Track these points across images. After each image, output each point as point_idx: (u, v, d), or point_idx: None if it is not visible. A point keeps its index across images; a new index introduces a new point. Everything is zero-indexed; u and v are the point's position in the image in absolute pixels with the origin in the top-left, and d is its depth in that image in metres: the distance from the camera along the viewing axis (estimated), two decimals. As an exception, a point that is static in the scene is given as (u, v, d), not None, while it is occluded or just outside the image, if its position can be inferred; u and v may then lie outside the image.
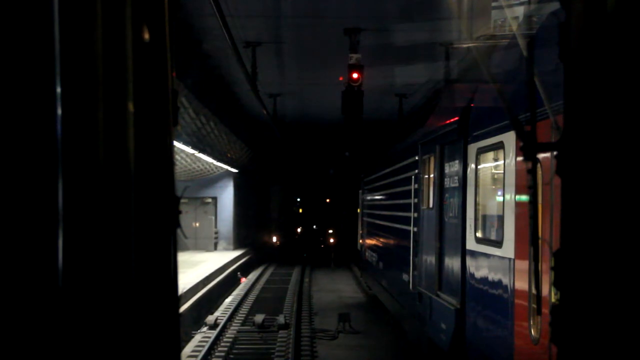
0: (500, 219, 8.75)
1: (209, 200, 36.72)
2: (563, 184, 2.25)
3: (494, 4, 10.69)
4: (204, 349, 15.50)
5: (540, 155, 6.69)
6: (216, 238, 36.46)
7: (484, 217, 10.00)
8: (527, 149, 3.40)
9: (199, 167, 28.79)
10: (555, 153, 2.53)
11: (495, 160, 9.49)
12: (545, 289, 6.58)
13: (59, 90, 1.46)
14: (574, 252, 2.15)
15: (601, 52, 2.03)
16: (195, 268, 25.60)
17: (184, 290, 18.81)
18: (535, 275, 5.09)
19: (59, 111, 1.45)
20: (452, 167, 11.26)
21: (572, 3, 2.19)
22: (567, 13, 2.24)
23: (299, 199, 75.02)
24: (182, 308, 18.13)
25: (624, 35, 1.96)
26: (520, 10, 8.88)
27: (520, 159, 7.95)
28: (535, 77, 4.22)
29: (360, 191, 30.51)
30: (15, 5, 1.42)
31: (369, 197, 26.97)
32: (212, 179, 35.10)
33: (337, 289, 29.32)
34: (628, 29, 1.96)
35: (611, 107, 2.00)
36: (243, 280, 29.70)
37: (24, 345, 1.41)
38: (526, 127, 3.59)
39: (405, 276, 15.73)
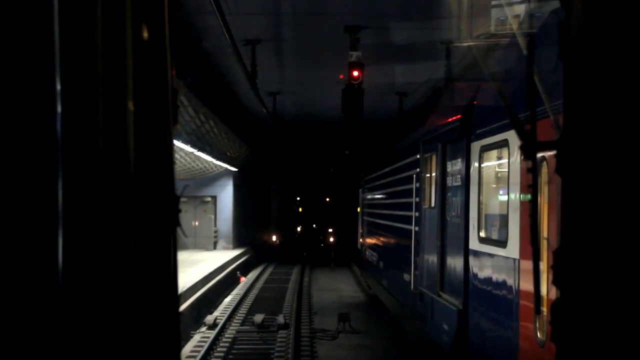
0: (505, 218, 8.64)
1: (209, 199, 36.71)
2: (563, 183, 2.25)
3: (494, 2, 10.68)
4: (203, 349, 15.50)
5: (547, 154, 6.66)
6: (216, 237, 36.45)
7: (488, 216, 9.88)
8: (527, 147, 3.40)
9: (198, 165, 28.78)
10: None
11: (499, 158, 9.42)
12: (551, 289, 6.54)
13: (59, 88, 1.45)
14: (574, 250, 2.15)
15: (601, 52, 2.03)
16: (194, 267, 25.59)
17: (184, 290, 18.79)
18: (534, 275, 5.09)
19: (59, 110, 1.45)
20: (455, 166, 11.21)
21: (572, 2, 2.19)
22: (567, 12, 2.24)
23: (298, 198, 74.99)
24: (182, 307, 18.13)
25: (623, 35, 1.96)
26: (520, 9, 8.86)
27: (523, 157, 7.92)
28: (535, 76, 4.22)
29: (361, 190, 30.49)
30: (15, 5, 1.42)
31: (369, 196, 26.95)
32: (212, 178, 35.10)
33: (337, 288, 29.30)
34: (628, 28, 1.95)
35: (611, 106, 2.00)
36: (242, 279, 29.68)
37: (24, 345, 1.41)
38: (526, 125, 3.59)
39: (406, 276, 15.72)
